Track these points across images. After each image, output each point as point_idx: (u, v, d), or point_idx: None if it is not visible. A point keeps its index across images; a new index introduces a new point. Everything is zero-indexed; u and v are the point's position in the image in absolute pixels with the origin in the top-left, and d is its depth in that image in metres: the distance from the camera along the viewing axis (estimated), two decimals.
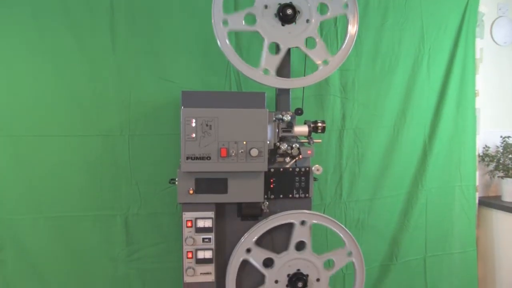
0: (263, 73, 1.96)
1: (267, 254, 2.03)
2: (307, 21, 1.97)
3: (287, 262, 2.04)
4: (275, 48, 2.01)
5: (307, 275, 2.04)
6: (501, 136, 3.07)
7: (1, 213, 2.25)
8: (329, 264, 2.09)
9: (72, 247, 2.34)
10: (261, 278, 2.04)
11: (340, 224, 2.06)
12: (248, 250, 2.00)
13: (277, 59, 1.97)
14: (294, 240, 2.03)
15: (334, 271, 2.09)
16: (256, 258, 2.01)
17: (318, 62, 2.01)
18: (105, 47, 2.29)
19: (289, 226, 2.04)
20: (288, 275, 2.04)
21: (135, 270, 2.41)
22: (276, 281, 2.04)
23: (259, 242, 2.03)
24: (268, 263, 2.04)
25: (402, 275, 2.77)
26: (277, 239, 2.07)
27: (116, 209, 2.35)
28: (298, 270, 2.05)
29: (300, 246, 2.05)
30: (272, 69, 1.97)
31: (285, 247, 2.05)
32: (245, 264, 2.03)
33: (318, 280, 2.06)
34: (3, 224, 2.25)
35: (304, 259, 2.04)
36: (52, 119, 2.26)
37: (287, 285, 2.05)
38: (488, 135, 3.06)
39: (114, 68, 2.31)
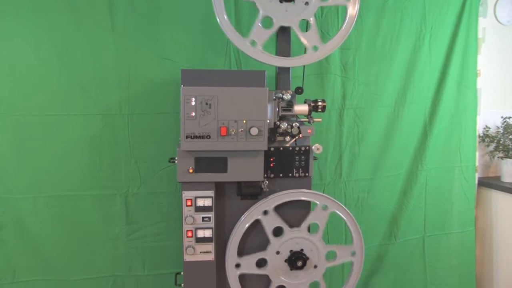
0: (249, 44, 1.92)
1: (256, 257, 2.04)
2: (306, 3, 1.94)
3: (295, 238, 2.04)
4: (269, 23, 1.97)
5: (302, 250, 2.05)
6: (501, 117, 3.06)
7: (1, 193, 2.25)
8: (330, 256, 2.11)
9: (72, 226, 2.35)
10: (266, 244, 2.05)
11: (338, 202, 2.06)
12: (265, 212, 2.00)
13: (267, 33, 1.93)
14: (309, 220, 2.04)
15: (321, 231, 2.08)
16: (270, 222, 2.01)
17: (308, 46, 1.97)
18: (104, 26, 2.27)
19: (298, 205, 2.05)
20: (291, 251, 2.06)
21: (135, 249, 2.42)
22: (278, 252, 2.05)
23: (243, 245, 2.05)
24: (277, 232, 2.04)
25: (401, 255, 2.79)
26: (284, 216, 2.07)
27: (116, 188, 2.36)
28: (291, 251, 2.06)
29: (278, 231, 2.05)
30: (259, 42, 1.93)
31: (296, 224, 2.05)
32: (246, 239, 2.03)
33: (315, 266, 2.08)
34: (3, 203, 2.26)
35: (288, 240, 2.05)
36: (51, 98, 2.25)
37: (291, 269, 2.06)
38: (488, 116, 3.05)
39: (113, 46, 2.29)
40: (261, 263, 2.06)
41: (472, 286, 2.98)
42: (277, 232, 2.05)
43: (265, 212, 2.00)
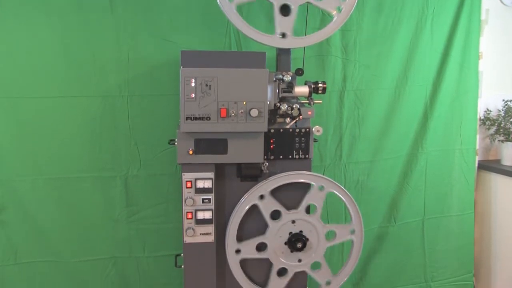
0: (280, 37, 1.94)
1: (255, 241, 2.04)
2: None
3: (275, 234, 2.05)
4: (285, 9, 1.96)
5: (301, 231, 2.06)
6: (503, 100, 3.04)
7: (1, 175, 2.25)
8: (330, 236, 2.11)
9: (72, 208, 2.35)
10: (264, 228, 2.06)
11: (338, 184, 2.06)
12: (262, 197, 2.01)
13: (290, 20, 1.93)
14: (306, 201, 2.04)
15: (333, 243, 2.11)
16: (266, 207, 2.02)
17: (333, 11, 1.97)
18: (103, 7, 2.24)
19: (295, 187, 2.05)
20: (290, 233, 2.06)
21: (135, 231, 2.43)
22: (277, 236, 2.06)
23: (241, 230, 2.05)
24: (275, 216, 2.05)
25: (401, 237, 2.79)
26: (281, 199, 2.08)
27: (115, 170, 2.36)
28: (290, 233, 2.06)
29: (276, 215, 2.05)
30: (288, 31, 1.94)
31: (294, 206, 2.06)
32: (244, 224, 2.04)
33: (312, 228, 2.08)
34: (3, 185, 2.26)
35: (286, 222, 2.05)
36: (51, 80, 2.24)
37: (291, 251, 2.07)
38: (490, 99, 3.03)
39: (112, 28, 2.27)
40: (261, 247, 2.07)
41: (470, 268, 3.00)
42: (275, 215, 2.05)
43: (262, 197, 2.00)
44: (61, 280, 2.39)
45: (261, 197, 2.00)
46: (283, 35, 1.94)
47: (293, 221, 2.05)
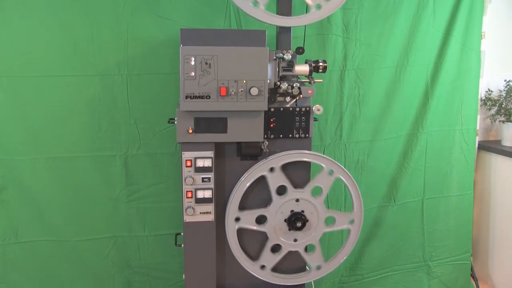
0: (251, 4, 1.90)
1: (256, 213, 2.05)
2: None
3: (278, 210, 2.05)
4: None
5: (303, 211, 2.06)
6: (505, 80, 3.03)
7: (1, 154, 2.25)
8: (317, 192, 2.10)
9: (72, 188, 2.36)
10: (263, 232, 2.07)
11: (338, 163, 2.05)
12: (237, 219, 2.02)
13: None
14: (314, 183, 2.04)
15: (324, 195, 2.09)
16: (248, 222, 2.04)
17: (311, 5, 1.95)
18: None
19: (304, 166, 2.05)
20: (285, 220, 2.07)
21: (135, 210, 2.44)
22: (279, 212, 2.06)
23: (246, 200, 2.06)
24: (281, 191, 2.05)
25: (400, 217, 2.80)
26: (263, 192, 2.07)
27: (115, 150, 2.35)
28: (292, 211, 2.06)
29: (282, 190, 2.05)
30: (261, 2, 1.91)
31: (300, 185, 2.06)
32: (248, 195, 2.04)
33: (314, 210, 2.08)
34: (3, 165, 2.26)
35: (290, 200, 2.05)
36: (49, 59, 2.22)
37: (289, 229, 2.07)
38: (491, 79, 3.02)
39: (110, 6, 2.24)
40: (260, 220, 2.07)
41: (468, 248, 3.02)
42: (281, 190, 2.05)
43: (272, 169, 2.00)
44: (61, 259, 2.41)
45: (271, 169, 2.00)
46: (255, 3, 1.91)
47: (297, 200, 2.05)
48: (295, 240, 2.09)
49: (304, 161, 2.03)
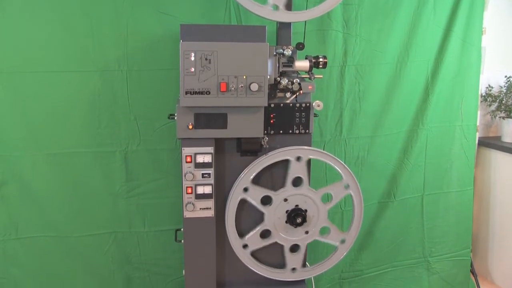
0: (271, 9, 1.91)
1: (264, 192, 2.03)
2: None
3: (296, 195, 2.05)
4: None
5: (306, 210, 2.06)
6: (505, 76, 3.03)
7: (1, 150, 2.25)
8: (327, 199, 2.11)
9: (72, 184, 2.35)
10: (261, 214, 2.06)
11: (338, 159, 2.05)
12: (246, 189, 2.01)
13: None
14: (291, 176, 2.03)
15: (332, 204, 2.10)
16: (254, 197, 2.02)
17: None
18: None
19: (276, 166, 2.05)
20: (287, 211, 2.06)
21: (135, 206, 2.43)
22: (285, 200, 2.06)
23: (258, 179, 2.04)
24: (266, 201, 2.05)
25: (400, 213, 2.81)
26: (276, 176, 2.08)
27: (115, 145, 2.35)
28: (297, 206, 2.06)
29: (297, 182, 2.05)
30: (280, 4, 1.91)
31: (281, 184, 2.05)
32: (245, 199, 2.04)
33: (317, 214, 2.08)
34: (3, 161, 2.26)
35: (301, 195, 2.05)
36: (49, 55, 2.21)
37: (286, 221, 2.07)
38: (492, 75, 3.01)
39: (110, 1, 2.22)
40: (265, 234, 2.08)
41: (468, 244, 3.02)
42: (266, 200, 2.04)
43: (246, 189, 2.00)
44: (62, 255, 2.41)
45: (245, 189, 2.00)
46: (276, 8, 1.91)
47: (285, 199, 2.05)
48: (307, 232, 2.09)
49: (273, 163, 2.02)
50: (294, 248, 2.13)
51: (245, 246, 2.07)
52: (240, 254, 2.07)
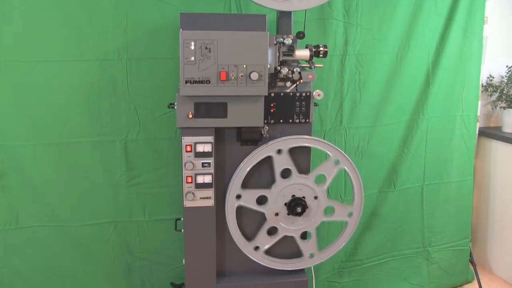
0: None
1: (257, 193, 2.04)
2: None
3: (279, 192, 2.05)
4: None
5: (304, 197, 2.06)
6: (506, 66, 3.02)
7: (1, 140, 2.24)
8: (320, 180, 2.10)
9: (72, 173, 2.35)
10: (262, 213, 2.07)
11: (321, 140, 2.05)
12: (238, 196, 2.02)
13: None
14: (278, 169, 2.03)
15: (327, 184, 2.09)
16: (249, 201, 2.04)
17: None
18: None
19: (310, 152, 2.06)
20: (286, 203, 2.07)
21: (135, 195, 2.43)
22: (276, 214, 2.07)
23: (248, 182, 2.05)
24: (285, 174, 2.04)
25: (400, 202, 2.81)
26: (264, 174, 2.07)
27: (115, 135, 2.34)
28: (293, 196, 2.07)
29: (286, 173, 2.05)
30: None
31: (305, 171, 2.06)
32: (252, 175, 2.04)
33: (316, 197, 2.08)
34: (3, 151, 2.25)
35: (294, 184, 2.05)
36: (48, 44, 2.20)
37: (288, 214, 2.07)
38: (493, 65, 3.01)
39: None
40: (261, 200, 2.07)
41: (467, 234, 3.03)
42: (285, 174, 2.04)
43: (279, 151, 1.99)
44: (62, 244, 2.41)
45: (279, 151, 2.00)
46: None
47: (300, 185, 2.05)
48: (292, 225, 2.09)
49: (309, 147, 2.03)
50: (304, 235, 2.13)
51: (256, 248, 2.08)
52: (255, 256, 2.09)
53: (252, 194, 2.04)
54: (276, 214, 2.06)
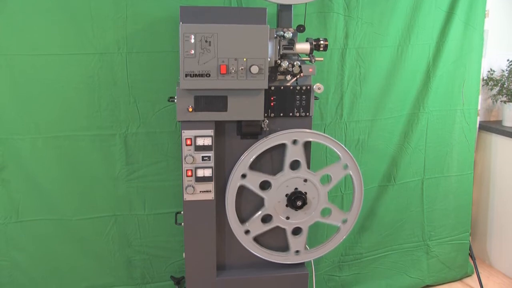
0: None
1: (262, 177, 2.03)
2: None
3: (284, 182, 2.05)
4: None
5: (305, 193, 2.07)
6: (507, 60, 3.01)
7: (1, 133, 2.24)
8: (326, 180, 2.11)
9: (72, 167, 2.34)
10: (261, 199, 2.06)
11: (337, 141, 2.05)
12: (244, 176, 2.01)
13: None
14: (289, 159, 2.03)
15: (331, 186, 2.10)
16: (252, 182, 2.02)
17: None
18: None
19: (274, 151, 2.05)
20: (287, 195, 2.07)
21: (135, 189, 2.43)
22: (277, 202, 2.07)
23: (256, 164, 2.04)
24: (265, 186, 2.05)
25: (400, 196, 2.81)
26: (275, 160, 2.07)
27: (115, 128, 2.33)
28: (296, 189, 2.06)
29: (295, 165, 2.05)
30: None
31: (280, 168, 2.05)
32: (241, 203, 2.06)
33: (317, 196, 2.08)
34: (4, 144, 2.25)
35: (300, 178, 2.05)
36: (47, 37, 2.19)
37: (286, 205, 2.07)
38: (494, 58, 3.00)
39: None
40: (266, 218, 2.09)
41: (467, 228, 3.04)
42: (264, 185, 2.05)
43: (244, 176, 2.00)
44: (62, 238, 2.41)
45: (243, 176, 2.00)
46: None
47: (305, 180, 2.05)
48: (287, 218, 2.10)
49: (270, 148, 2.02)
50: (296, 231, 2.13)
51: (247, 232, 2.08)
52: (243, 240, 2.08)
53: (257, 176, 2.04)
54: (276, 203, 2.07)
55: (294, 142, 2.00)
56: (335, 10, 2.46)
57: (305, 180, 2.06)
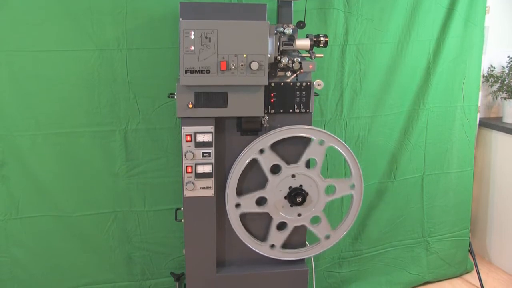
0: None
1: (277, 160, 2.03)
2: None
3: (275, 188, 2.05)
4: None
5: (301, 186, 2.07)
6: (508, 56, 3.01)
7: (1, 130, 2.23)
8: (330, 191, 2.12)
9: (72, 163, 2.34)
10: (265, 181, 2.06)
11: (348, 147, 2.05)
12: (262, 151, 2.00)
13: None
14: (307, 156, 2.03)
15: (332, 198, 2.12)
16: (266, 161, 2.02)
17: None
18: None
19: (295, 141, 2.04)
20: (290, 187, 2.07)
21: (135, 185, 2.43)
22: (281, 207, 2.08)
23: (275, 147, 2.05)
24: (275, 170, 2.05)
25: (400, 193, 2.81)
26: (292, 150, 2.08)
27: (115, 125, 2.33)
28: (301, 186, 2.07)
29: (276, 169, 2.05)
30: None
31: (294, 161, 2.05)
32: (244, 178, 2.04)
33: (316, 201, 2.10)
34: (4, 141, 2.25)
35: (310, 178, 2.06)
36: (47, 33, 2.18)
37: (285, 197, 2.07)
38: (494, 55, 2.99)
39: None
40: (260, 201, 2.08)
41: (467, 224, 3.04)
42: (275, 169, 2.05)
43: (262, 151, 1.99)
44: (63, 234, 2.41)
45: (261, 151, 2.00)
46: None
47: (293, 176, 2.05)
48: (299, 215, 2.10)
49: (293, 137, 2.02)
50: (281, 226, 2.14)
51: (237, 205, 2.06)
52: (230, 211, 2.06)
53: (249, 198, 2.05)
54: (280, 208, 2.07)
55: (261, 151, 2.00)
56: (335, 6, 2.45)
57: (293, 176, 2.06)
